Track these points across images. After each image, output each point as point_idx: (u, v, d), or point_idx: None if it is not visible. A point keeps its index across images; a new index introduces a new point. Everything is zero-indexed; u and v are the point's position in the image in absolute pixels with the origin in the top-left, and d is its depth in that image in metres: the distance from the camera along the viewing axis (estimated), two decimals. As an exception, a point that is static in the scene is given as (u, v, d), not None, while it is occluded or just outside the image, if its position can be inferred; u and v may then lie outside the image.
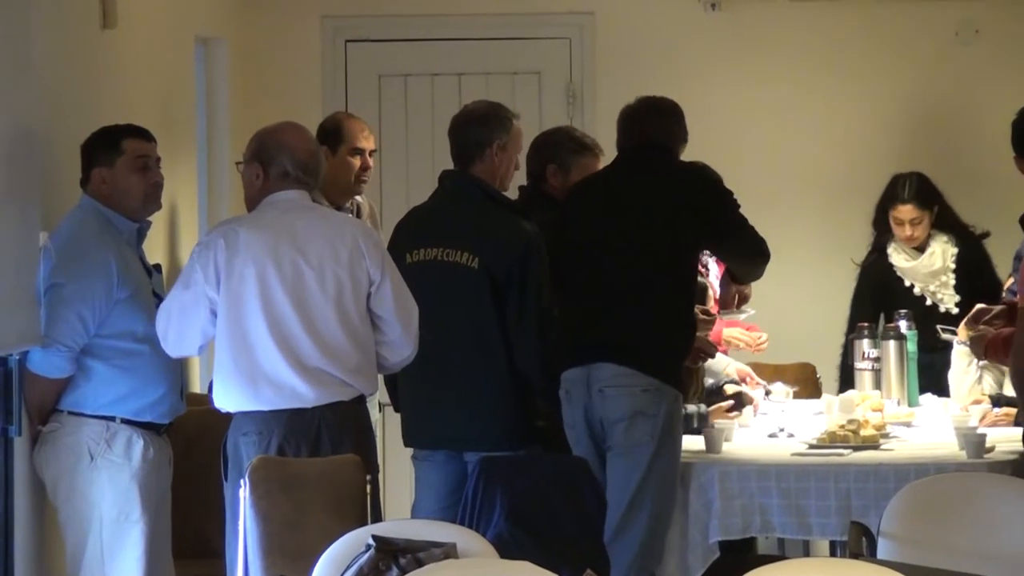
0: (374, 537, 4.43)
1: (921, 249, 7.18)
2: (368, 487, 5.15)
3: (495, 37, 8.11)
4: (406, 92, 8.15)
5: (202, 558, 5.83)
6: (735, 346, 6.81)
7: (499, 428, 5.66)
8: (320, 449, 5.29)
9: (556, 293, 5.68)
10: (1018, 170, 5.87)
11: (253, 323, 5.31)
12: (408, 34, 8.14)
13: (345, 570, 4.35)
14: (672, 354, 5.53)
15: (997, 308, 5.86)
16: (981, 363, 6.30)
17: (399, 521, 4.75)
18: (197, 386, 6.83)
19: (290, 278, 5.32)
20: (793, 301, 7.66)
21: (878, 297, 7.24)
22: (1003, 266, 7.33)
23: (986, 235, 7.23)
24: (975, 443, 5.52)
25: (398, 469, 7.59)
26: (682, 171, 5.71)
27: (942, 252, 7.19)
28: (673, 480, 5.47)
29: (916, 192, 7.13)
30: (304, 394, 5.31)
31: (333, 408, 5.34)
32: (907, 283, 7.17)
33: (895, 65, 7.93)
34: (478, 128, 5.78)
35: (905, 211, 7.11)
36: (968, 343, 5.81)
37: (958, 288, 7.16)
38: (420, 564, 4.29)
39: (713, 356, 6.08)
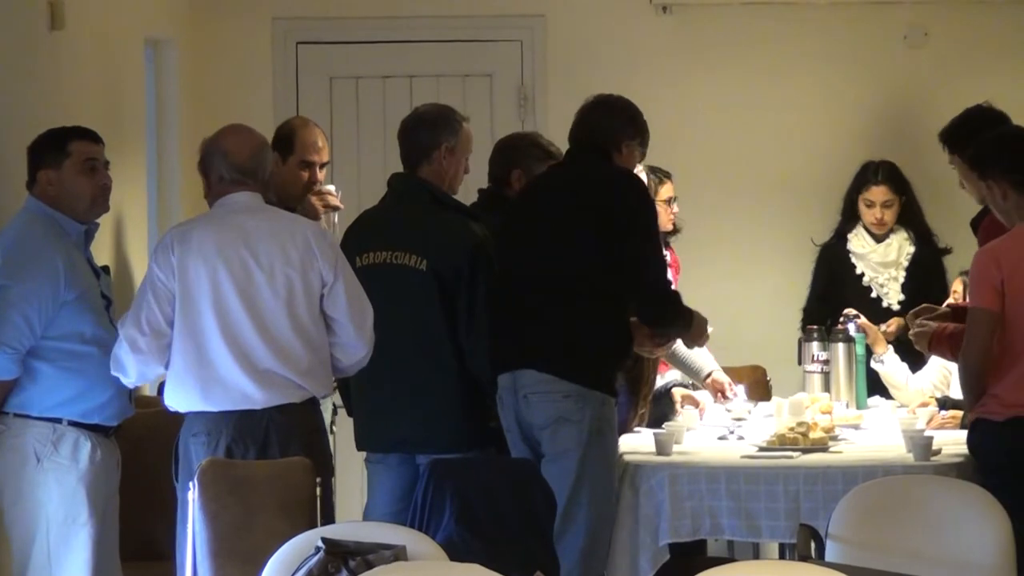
0: (324, 539, 4.43)
1: (881, 240, 7.25)
2: (318, 489, 5.14)
3: (447, 40, 8.10)
4: (357, 94, 8.13)
5: (151, 561, 5.81)
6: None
7: (450, 430, 5.66)
8: (268, 451, 5.28)
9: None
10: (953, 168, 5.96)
11: (204, 324, 5.31)
12: (359, 36, 8.13)
13: (294, 572, 4.35)
14: (596, 359, 5.49)
15: (942, 308, 5.92)
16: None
17: (349, 523, 4.75)
18: (145, 388, 6.79)
19: (240, 279, 5.33)
20: (746, 303, 7.68)
21: (827, 279, 7.32)
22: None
23: (948, 251, 7.30)
24: (922, 446, 5.55)
25: (351, 472, 7.58)
26: (610, 180, 5.58)
27: (899, 246, 7.27)
28: (608, 484, 5.46)
29: (889, 176, 7.27)
30: (253, 395, 5.31)
31: (283, 410, 5.34)
32: (858, 271, 7.24)
33: (844, 69, 7.96)
34: (426, 131, 5.78)
35: (878, 193, 7.19)
36: (912, 337, 5.85)
37: (905, 286, 7.23)
38: (370, 566, 4.29)
39: (730, 398, 6.06)
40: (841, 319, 6.69)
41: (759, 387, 7.34)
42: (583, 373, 5.44)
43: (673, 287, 5.73)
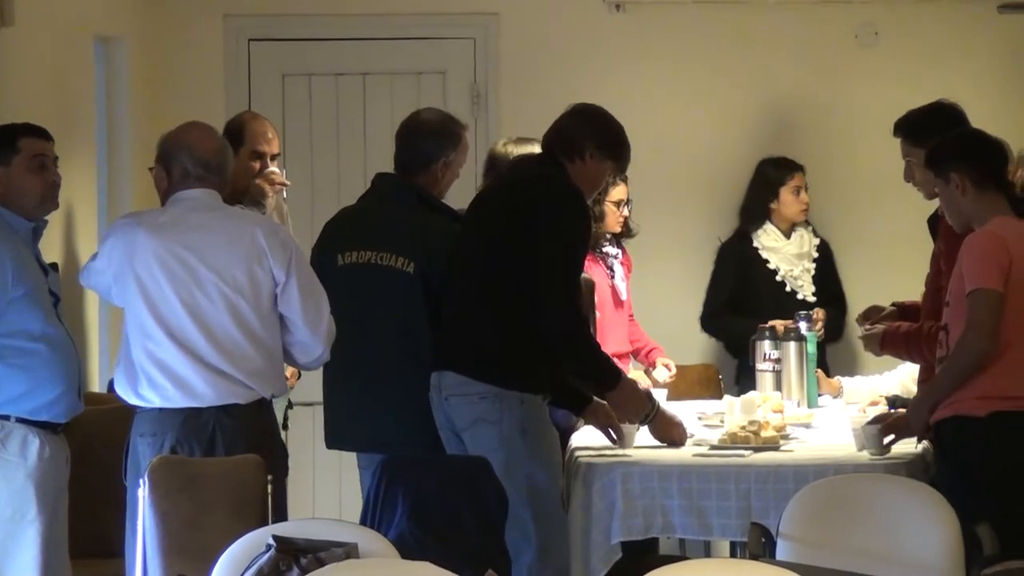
0: (275, 537, 4.42)
1: (789, 234, 7.30)
2: (270, 487, 5.14)
3: (400, 37, 8.09)
4: (310, 91, 8.11)
5: (101, 558, 5.79)
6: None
7: (431, 432, 5.63)
8: (214, 451, 5.28)
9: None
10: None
11: (146, 320, 5.35)
12: (312, 33, 8.10)
13: (245, 570, 4.34)
14: (509, 360, 5.45)
15: (888, 308, 5.93)
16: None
17: (300, 521, 4.74)
18: (96, 385, 6.76)
19: (182, 277, 5.35)
20: (698, 304, 7.69)
21: (739, 279, 7.36)
22: (854, 269, 7.51)
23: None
24: (872, 436, 5.54)
25: (303, 470, 7.57)
26: (536, 187, 5.48)
27: (808, 239, 7.37)
28: (548, 483, 5.44)
29: (797, 164, 7.43)
30: (201, 393, 5.32)
31: (229, 410, 5.35)
32: (772, 266, 7.29)
33: (797, 67, 7.99)
34: (430, 142, 5.76)
35: (801, 178, 7.29)
36: (861, 340, 5.86)
37: (815, 279, 7.31)
38: (321, 564, 4.28)
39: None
40: (794, 317, 6.72)
41: (710, 385, 7.38)
42: (497, 374, 5.42)
43: (577, 311, 5.52)
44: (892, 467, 5.42)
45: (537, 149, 5.88)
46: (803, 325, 6.64)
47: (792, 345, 6.55)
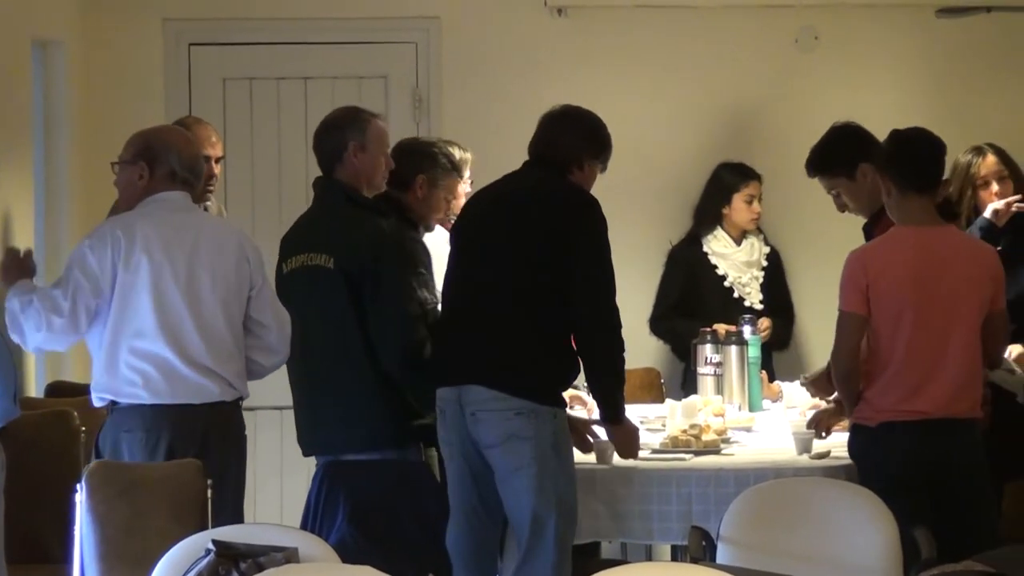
0: (214, 541, 4.40)
1: (740, 241, 7.33)
2: (209, 492, 5.12)
3: (341, 41, 8.07)
4: (251, 96, 8.08)
5: (39, 563, 5.76)
6: None
7: (369, 430, 5.58)
8: (208, 450, 5.33)
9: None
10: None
11: (144, 315, 5.36)
12: (253, 38, 8.07)
13: (184, 575, 4.31)
14: (546, 374, 5.39)
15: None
16: None
17: (240, 526, 4.72)
18: (32, 390, 6.72)
19: (184, 277, 5.41)
20: (642, 307, 7.70)
21: (687, 283, 7.38)
22: (804, 276, 7.55)
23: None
24: (803, 440, 5.61)
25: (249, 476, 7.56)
26: (567, 200, 5.44)
27: (759, 247, 7.38)
28: (572, 497, 5.36)
29: (755, 172, 7.43)
30: (197, 390, 5.38)
31: (218, 409, 5.43)
32: (720, 272, 7.31)
33: (738, 71, 8.01)
34: (333, 133, 5.76)
35: (756, 187, 7.31)
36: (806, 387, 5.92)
37: (763, 286, 7.33)
38: (261, 569, 4.26)
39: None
40: (737, 321, 6.74)
41: (652, 390, 7.38)
42: (533, 389, 5.32)
43: (618, 316, 5.48)
44: (831, 471, 5.44)
45: None
46: (746, 329, 6.66)
47: (733, 349, 6.56)
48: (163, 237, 5.40)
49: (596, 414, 6.41)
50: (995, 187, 6.31)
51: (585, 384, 6.51)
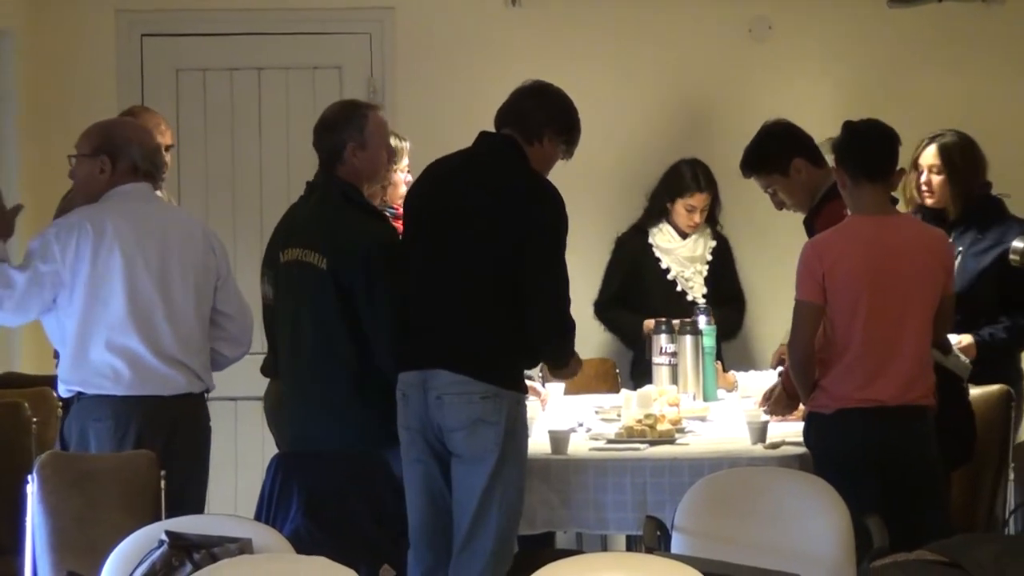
0: (167, 532, 4.39)
1: (686, 236, 7.34)
2: (163, 483, 5.11)
3: (295, 32, 8.04)
4: (205, 87, 8.05)
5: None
6: None
7: (348, 429, 5.56)
8: (175, 440, 5.36)
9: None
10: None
11: (116, 306, 5.38)
12: (206, 29, 8.04)
13: (136, 566, 4.30)
14: (511, 359, 5.38)
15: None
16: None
17: (193, 516, 4.69)
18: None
19: (156, 268, 5.43)
20: (591, 296, 7.70)
21: (630, 273, 7.37)
22: (756, 265, 7.57)
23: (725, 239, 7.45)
24: (757, 429, 5.63)
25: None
26: (530, 188, 5.40)
27: (703, 242, 7.37)
28: (521, 484, 5.37)
29: (708, 181, 7.38)
30: (166, 382, 5.41)
31: (187, 400, 5.48)
32: (663, 265, 7.31)
33: (692, 61, 8.02)
34: (331, 134, 5.69)
35: (700, 199, 7.28)
36: (771, 408, 5.92)
37: (707, 280, 7.33)
38: (215, 559, 4.26)
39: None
40: (695, 310, 6.75)
41: (607, 379, 7.39)
42: (498, 373, 5.32)
43: (570, 318, 5.45)
44: (785, 460, 5.46)
45: None
46: (701, 319, 6.67)
47: (688, 339, 6.58)
48: (134, 229, 5.41)
49: (549, 405, 6.42)
50: (924, 175, 6.36)
51: (539, 374, 6.53)
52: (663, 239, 7.35)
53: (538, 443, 5.67)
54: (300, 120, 7.85)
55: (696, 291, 7.32)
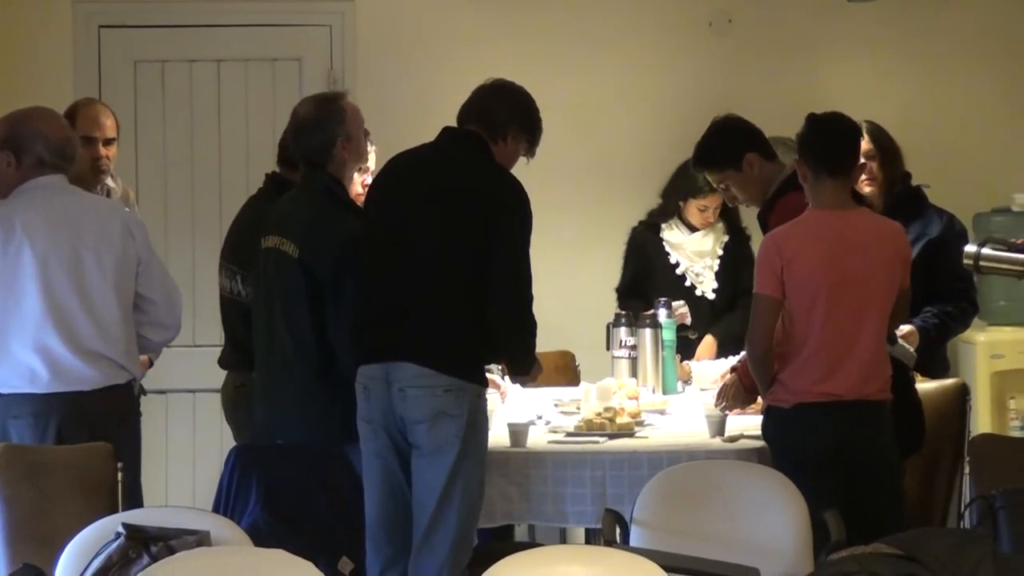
0: (124, 525, 4.37)
1: (695, 229, 7.31)
2: (120, 475, 5.09)
3: (255, 24, 8.02)
4: (163, 78, 8.02)
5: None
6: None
7: (311, 422, 5.56)
8: (97, 434, 5.28)
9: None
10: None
11: (30, 304, 5.33)
12: (164, 20, 8.01)
13: (93, 558, 4.29)
14: (473, 352, 5.37)
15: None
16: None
17: (151, 509, 4.70)
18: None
19: (70, 260, 5.38)
20: (553, 288, 7.70)
21: (642, 267, 7.34)
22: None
23: (749, 237, 7.41)
24: (716, 422, 5.65)
25: (156, 458, 7.51)
26: (495, 181, 5.38)
27: (715, 237, 7.33)
28: (481, 477, 5.36)
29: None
30: (85, 377, 5.36)
31: (110, 392, 5.41)
32: (672, 259, 7.27)
33: (651, 54, 8.03)
34: (316, 134, 5.66)
35: (713, 199, 7.23)
36: (731, 403, 5.91)
37: (718, 275, 7.30)
38: (172, 552, 4.25)
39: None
40: (655, 303, 6.74)
41: (568, 372, 7.39)
42: (461, 366, 5.31)
43: (532, 317, 5.41)
44: (744, 454, 5.47)
45: None
46: (662, 312, 6.67)
47: (648, 332, 6.59)
48: (45, 223, 5.37)
49: (508, 398, 6.42)
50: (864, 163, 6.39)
51: (500, 367, 6.53)
52: (672, 234, 7.27)
53: (497, 436, 5.66)
54: (259, 112, 7.85)
55: (706, 285, 7.27)
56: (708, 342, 7.02)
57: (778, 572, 4.75)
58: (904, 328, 5.99)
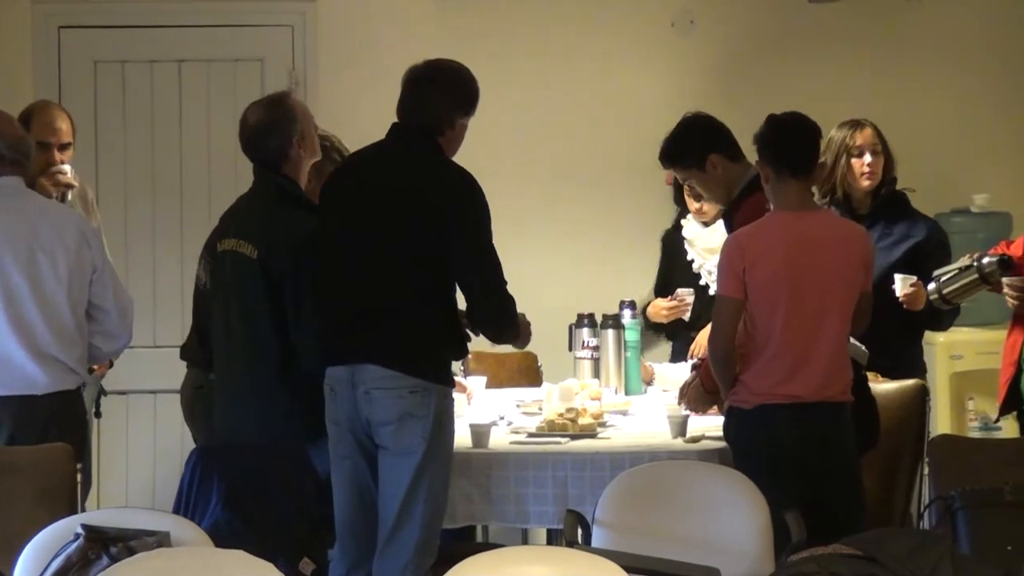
0: (84, 526, 4.36)
1: (708, 225, 7.29)
2: (79, 476, 5.08)
3: (216, 24, 8.00)
4: (124, 79, 7.99)
5: None
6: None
7: (273, 423, 5.54)
8: (48, 437, 5.29)
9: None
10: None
11: None
12: (125, 20, 7.97)
13: (52, 559, 4.27)
14: (438, 353, 5.37)
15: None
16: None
17: (111, 510, 4.68)
18: None
19: (27, 263, 5.39)
20: (516, 290, 7.70)
21: (666, 265, 7.30)
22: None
23: None
24: (677, 423, 5.66)
25: (116, 458, 7.49)
26: (449, 180, 5.37)
27: (724, 234, 7.28)
28: (446, 478, 5.36)
29: None
30: (37, 380, 5.38)
31: (61, 396, 5.43)
32: (689, 257, 7.24)
33: (613, 57, 8.04)
34: (271, 138, 5.63)
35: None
36: (694, 403, 5.90)
37: None
38: (132, 553, 4.24)
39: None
40: (620, 304, 6.74)
41: (530, 373, 7.39)
42: (427, 367, 5.30)
43: (509, 297, 5.45)
44: (705, 454, 5.49)
45: None
46: (626, 313, 6.68)
47: (610, 333, 6.59)
48: (3, 224, 5.40)
49: (476, 398, 6.42)
50: (868, 158, 6.41)
51: (462, 368, 6.52)
52: (688, 230, 7.24)
53: (459, 437, 5.65)
54: (221, 113, 7.82)
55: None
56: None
57: (739, 573, 4.76)
58: (912, 278, 6.09)
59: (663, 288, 7.23)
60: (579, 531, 4.93)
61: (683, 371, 6.40)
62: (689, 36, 8.05)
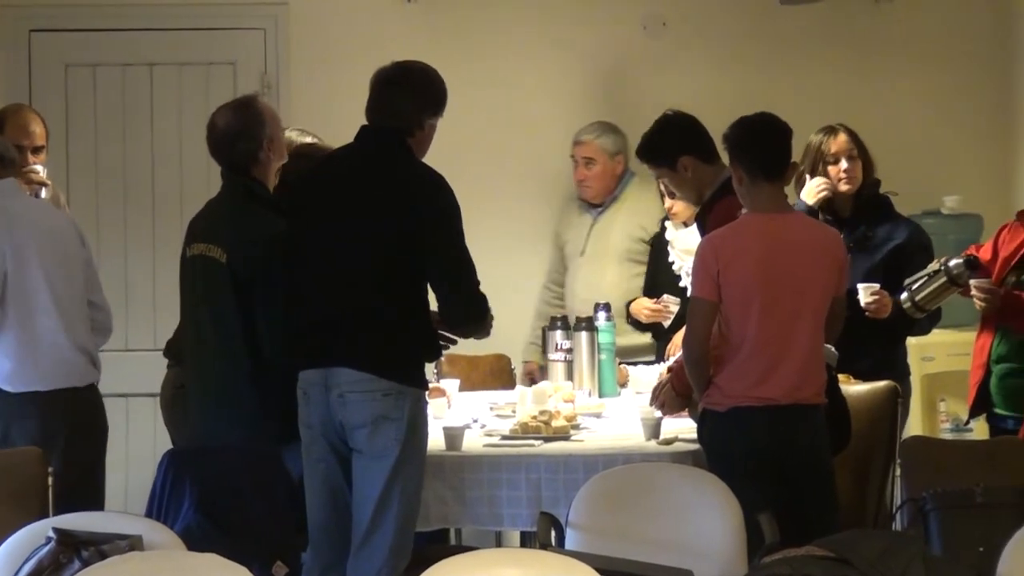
0: (55, 529, 4.34)
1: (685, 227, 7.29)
2: (50, 479, 5.07)
3: (188, 27, 7.98)
4: (95, 82, 7.97)
5: None
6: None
7: (244, 423, 5.52)
8: (94, 432, 5.64)
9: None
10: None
11: (43, 303, 5.55)
12: (97, 23, 7.96)
13: (24, 563, 4.26)
14: (411, 356, 5.37)
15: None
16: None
17: (82, 514, 4.65)
18: None
19: (61, 263, 5.61)
20: (488, 292, 7.70)
21: (653, 267, 7.29)
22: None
23: None
24: (651, 426, 5.66)
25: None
26: (419, 181, 5.35)
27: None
28: (419, 480, 5.35)
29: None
30: (83, 372, 5.64)
31: (91, 389, 5.72)
32: (670, 258, 7.23)
33: (585, 57, 8.04)
34: (240, 143, 5.63)
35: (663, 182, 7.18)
36: (667, 404, 5.89)
37: None
38: (103, 556, 4.22)
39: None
40: (595, 306, 6.74)
41: (503, 376, 7.39)
42: (401, 370, 5.29)
43: (482, 297, 5.46)
44: (679, 456, 5.49)
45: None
46: (601, 315, 6.68)
47: (584, 335, 6.59)
48: (34, 228, 5.60)
49: (454, 401, 6.41)
50: (844, 164, 6.41)
51: (435, 370, 6.52)
52: (670, 231, 7.20)
53: (432, 439, 5.64)
54: (193, 116, 7.78)
55: None
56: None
57: (712, 575, 4.76)
58: (875, 286, 6.10)
59: (650, 290, 7.25)
60: (552, 533, 4.92)
61: (658, 373, 6.40)
62: (661, 38, 8.06)
